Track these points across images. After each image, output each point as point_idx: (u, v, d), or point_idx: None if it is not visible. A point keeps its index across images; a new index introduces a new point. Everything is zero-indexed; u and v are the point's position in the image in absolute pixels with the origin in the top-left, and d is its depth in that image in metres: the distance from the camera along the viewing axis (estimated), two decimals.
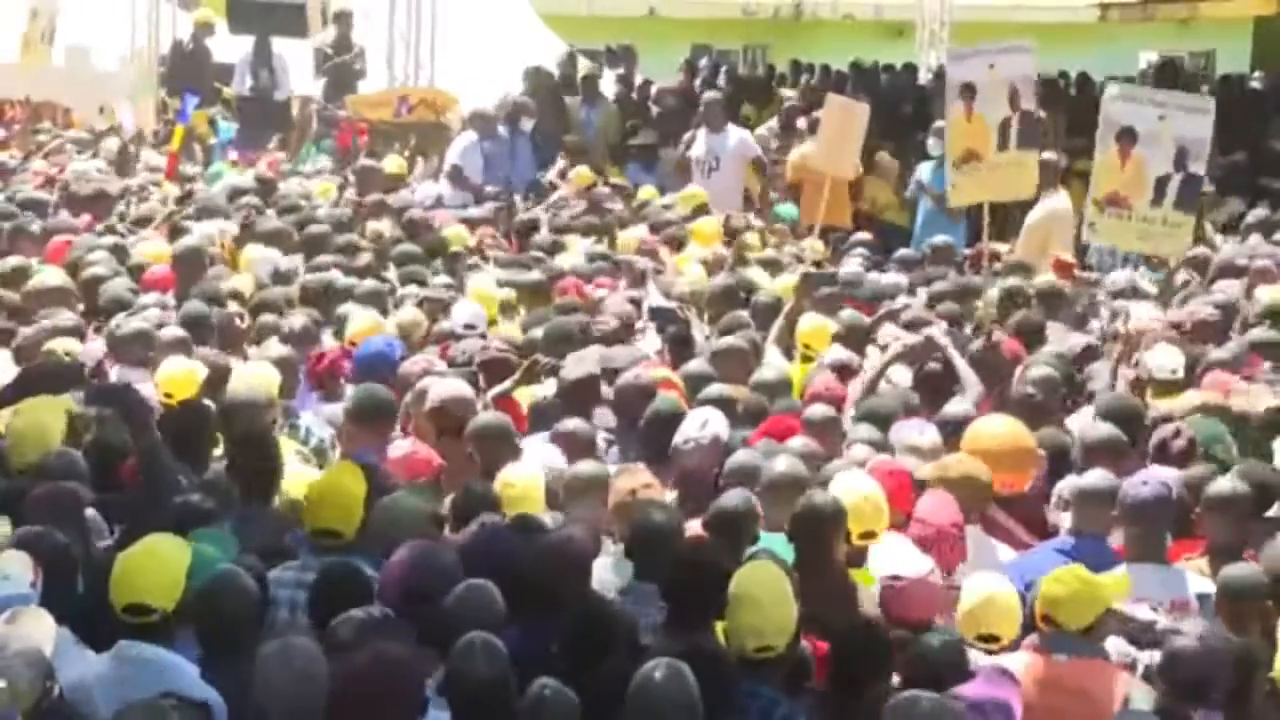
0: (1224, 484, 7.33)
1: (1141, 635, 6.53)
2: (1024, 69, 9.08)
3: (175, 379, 8.68)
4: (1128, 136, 9.16)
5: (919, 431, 8.20)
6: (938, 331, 9.67)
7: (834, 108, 14.01)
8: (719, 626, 6.11)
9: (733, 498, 7.11)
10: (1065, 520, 7.67)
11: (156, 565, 5.89)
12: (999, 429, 7.85)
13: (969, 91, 9.14)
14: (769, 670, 5.92)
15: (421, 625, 5.97)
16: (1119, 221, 9.19)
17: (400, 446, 7.93)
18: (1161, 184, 9.12)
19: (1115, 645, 6.52)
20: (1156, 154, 9.12)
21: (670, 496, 7.67)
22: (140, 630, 5.81)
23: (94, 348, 9.51)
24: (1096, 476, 7.50)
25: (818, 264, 12.65)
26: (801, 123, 16.97)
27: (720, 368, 9.44)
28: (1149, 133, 9.13)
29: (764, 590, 5.97)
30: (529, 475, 7.50)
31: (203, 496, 6.97)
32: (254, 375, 8.91)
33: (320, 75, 19.86)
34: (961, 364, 9.26)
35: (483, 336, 9.98)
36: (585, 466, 7.59)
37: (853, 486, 7.21)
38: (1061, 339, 10.35)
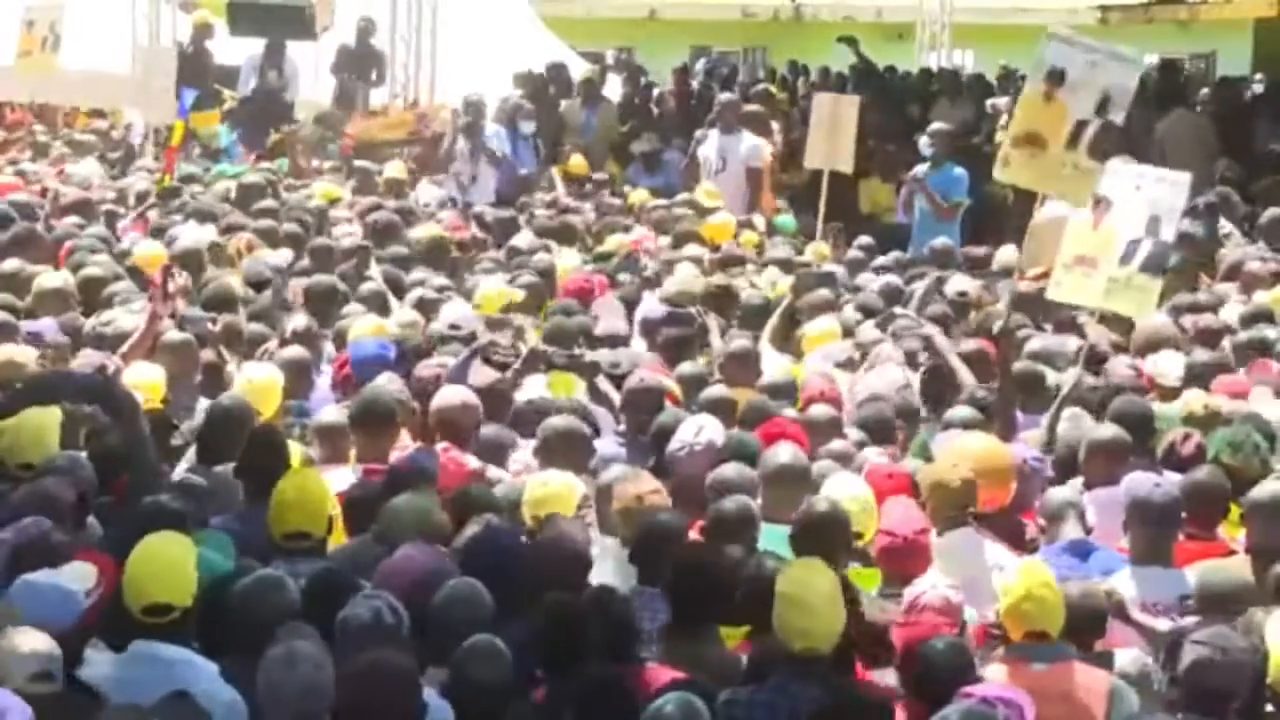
0: (1266, 487, 7.28)
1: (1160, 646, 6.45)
2: (1126, 80, 9.00)
3: (143, 384, 8.64)
4: (1104, 203, 9.22)
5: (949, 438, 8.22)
6: (936, 331, 9.69)
7: (822, 105, 14.03)
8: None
9: (731, 503, 7.10)
10: (1067, 530, 7.60)
11: (170, 564, 5.88)
12: (977, 446, 7.80)
13: (1058, 76, 9.06)
14: (814, 669, 5.88)
15: (413, 623, 5.97)
16: (1084, 279, 9.24)
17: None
18: (1132, 247, 9.21)
19: (1133, 658, 6.47)
20: (1128, 222, 9.18)
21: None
22: (159, 629, 5.80)
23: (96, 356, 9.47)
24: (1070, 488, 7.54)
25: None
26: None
27: (729, 371, 9.45)
28: (1123, 200, 9.20)
29: (812, 592, 5.92)
30: (564, 478, 7.45)
31: (172, 497, 6.92)
32: (257, 377, 8.93)
33: (335, 74, 19.83)
34: (959, 366, 9.28)
35: (472, 337, 9.99)
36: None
37: (842, 488, 7.23)
38: (1060, 342, 10.37)
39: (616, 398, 9.06)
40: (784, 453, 7.56)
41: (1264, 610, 6.31)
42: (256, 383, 8.85)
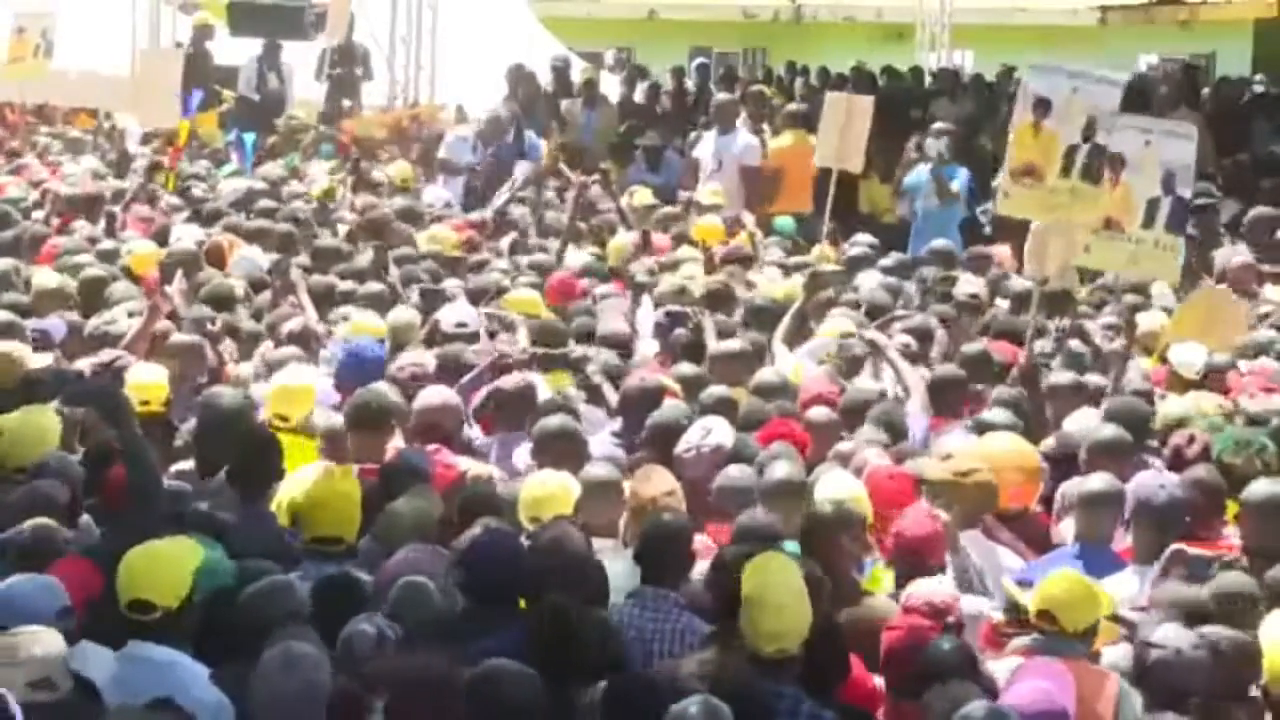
0: (1263, 487, 7.26)
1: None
2: (1108, 101, 9.06)
3: (146, 386, 8.56)
4: (1118, 161, 9.20)
5: (961, 439, 8.21)
6: (879, 334, 9.72)
7: (836, 104, 14.00)
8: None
9: (756, 516, 7.05)
10: (1068, 526, 7.60)
11: (162, 564, 5.87)
12: (1004, 446, 7.79)
13: (1043, 106, 9.11)
14: (787, 669, 5.86)
15: None
16: (1112, 243, 9.22)
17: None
18: (1152, 206, 9.18)
19: (1123, 653, 6.41)
20: (1143, 179, 9.16)
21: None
22: (144, 628, 5.79)
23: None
24: (1101, 480, 7.47)
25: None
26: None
27: (722, 371, 9.43)
28: (1136, 158, 9.18)
29: (778, 593, 5.90)
30: (560, 479, 7.42)
31: (210, 502, 6.93)
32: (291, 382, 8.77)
33: (324, 78, 19.85)
34: (905, 368, 9.29)
35: (475, 337, 9.97)
36: (600, 469, 7.54)
37: (837, 487, 7.21)
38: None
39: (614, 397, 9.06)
40: (780, 468, 7.50)
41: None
42: (291, 388, 8.62)
